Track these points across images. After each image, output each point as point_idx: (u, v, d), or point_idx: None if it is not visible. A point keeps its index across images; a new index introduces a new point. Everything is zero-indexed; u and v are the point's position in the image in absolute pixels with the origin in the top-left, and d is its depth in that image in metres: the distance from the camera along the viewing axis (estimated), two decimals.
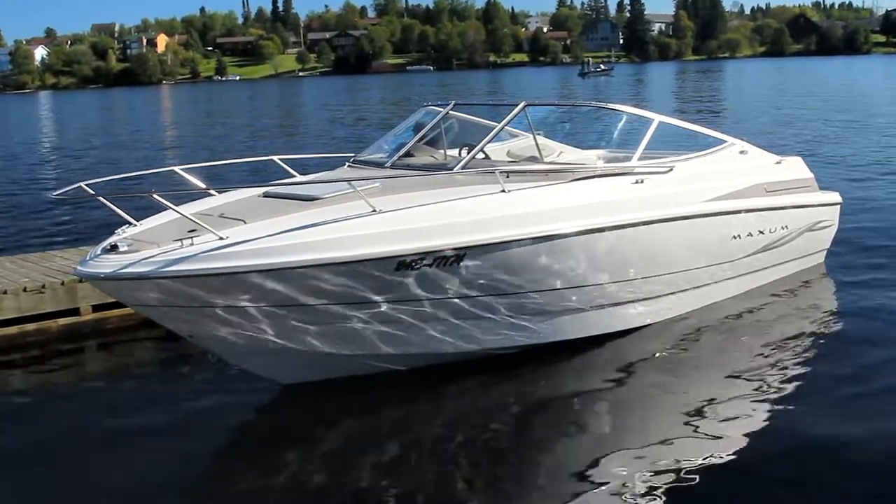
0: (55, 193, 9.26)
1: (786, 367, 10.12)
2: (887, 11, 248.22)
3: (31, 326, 11.86)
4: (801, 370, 10.08)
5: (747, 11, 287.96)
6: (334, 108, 74.70)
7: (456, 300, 9.46)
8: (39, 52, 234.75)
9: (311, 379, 9.60)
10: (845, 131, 35.41)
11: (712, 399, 9.43)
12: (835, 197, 13.79)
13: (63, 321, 12.03)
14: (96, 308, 12.07)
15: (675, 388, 9.94)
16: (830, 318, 12.06)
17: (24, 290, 11.80)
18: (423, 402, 9.56)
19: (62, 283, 11.96)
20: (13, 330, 11.76)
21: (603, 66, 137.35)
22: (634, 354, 10.58)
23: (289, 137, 46.92)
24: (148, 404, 9.87)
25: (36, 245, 16.36)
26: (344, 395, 9.54)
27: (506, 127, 11.33)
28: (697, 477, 7.68)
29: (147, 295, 8.48)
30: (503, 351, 10.18)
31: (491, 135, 10.97)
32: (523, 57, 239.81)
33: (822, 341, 11.02)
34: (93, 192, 8.91)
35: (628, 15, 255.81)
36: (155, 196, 8.35)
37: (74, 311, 12.07)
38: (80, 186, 9.21)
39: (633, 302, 10.87)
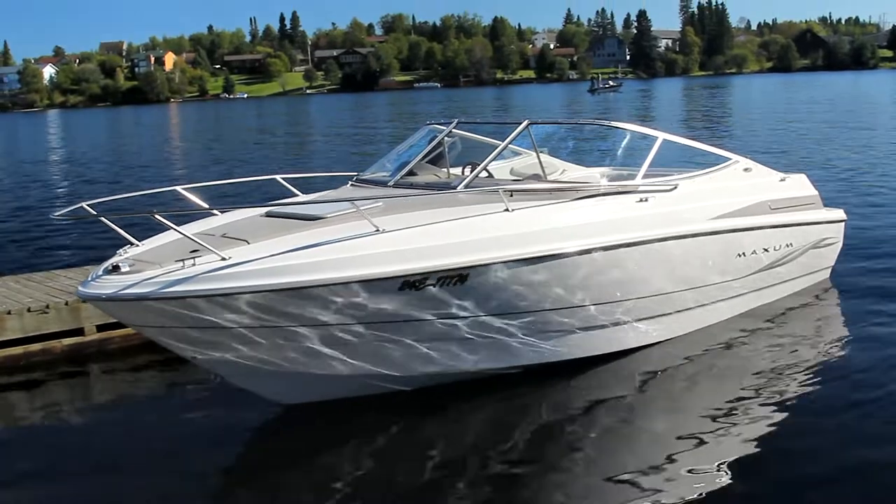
0: (56, 214, 9.22)
1: (791, 386, 10.07)
2: (894, 27, 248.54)
3: (35, 347, 11.84)
4: (806, 388, 10.03)
5: (754, 27, 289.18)
6: (340, 126, 74.83)
7: (460, 320, 9.42)
8: (48, 71, 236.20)
9: (314, 399, 9.55)
10: (850, 148, 35.31)
11: (717, 417, 9.38)
12: (839, 214, 13.76)
13: (67, 341, 12.00)
14: (100, 328, 12.04)
15: (680, 407, 9.90)
16: (836, 335, 12.02)
17: (29, 310, 11.78)
18: (427, 423, 9.51)
19: (66, 304, 11.94)
20: (18, 350, 11.74)
21: (612, 83, 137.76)
22: (640, 373, 10.54)
23: (294, 156, 46.91)
24: (151, 424, 9.89)
25: (41, 264, 16.37)
26: (348, 416, 9.51)
27: (509, 145, 11.33)
28: (698, 492, 7.66)
29: (149, 316, 8.47)
30: (507, 371, 10.14)
31: (494, 153, 10.96)
32: (530, 73, 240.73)
33: (827, 359, 10.98)
34: (94, 213, 8.89)
35: (635, 31, 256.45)
36: (156, 216, 8.35)
37: (79, 332, 12.04)
38: (81, 206, 9.19)
39: (638, 321, 10.82)
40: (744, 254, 11.81)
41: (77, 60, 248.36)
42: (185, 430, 9.65)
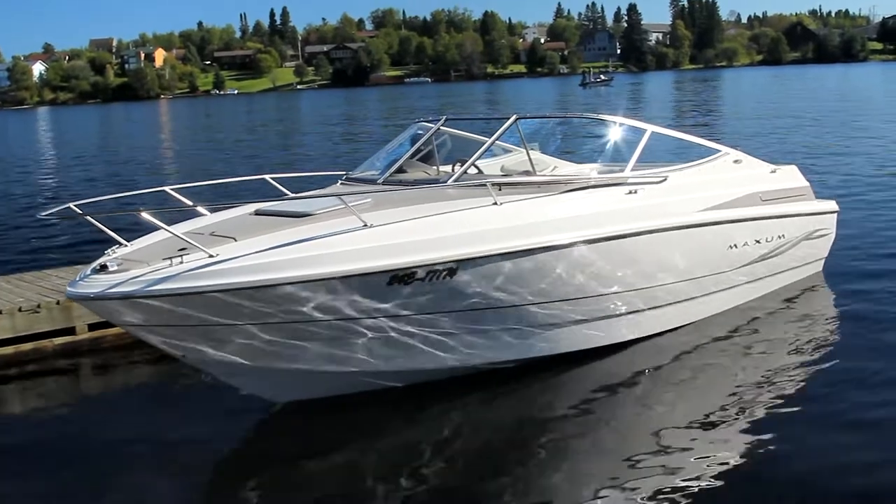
0: (42, 214, 9.21)
1: (784, 378, 10.08)
2: (884, 19, 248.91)
3: (26, 346, 11.81)
4: (800, 381, 10.04)
5: (744, 20, 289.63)
6: (331, 122, 74.76)
7: (450, 314, 9.41)
8: (37, 68, 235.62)
9: (305, 397, 9.55)
10: (841, 138, 35.39)
11: (709, 411, 9.38)
12: (831, 205, 13.76)
13: (59, 340, 11.98)
14: (92, 327, 12.03)
15: (671, 400, 9.89)
16: (829, 327, 12.01)
17: (20, 309, 11.76)
18: (419, 420, 9.51)
19: (57, 303, 11.91)
20: (9, 350, 11.71)
21: (603, 77, 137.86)
22: (631, 367, 10.53)
23: (284, 154, 46.88)
24: (143, 423, 9.85)
25: (32, 264, 16.30)
26: (338, 414, 9.50)
27: (500, 142, 11.34)
28: (692, 490, 7.64)
29: (136, 314, 8.43)
30: (498, 365, 10.12)
31: (483, 148, 10.95)
32: (521, 68, 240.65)
33: (821, 351, 10.95)
34: (81, 213, 8.88)
35: (625, 25, 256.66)
36: (143, 215, 8.34)
37: (70, 331, 12.03)
38: (68, 207, 9.15)
39: (629, 314, 10.82)
40: (735, 245, 11.81)
41: (67, 57, 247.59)
42: (177, 428, 9.61)
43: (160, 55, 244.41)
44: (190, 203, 10.14)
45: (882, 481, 7.70)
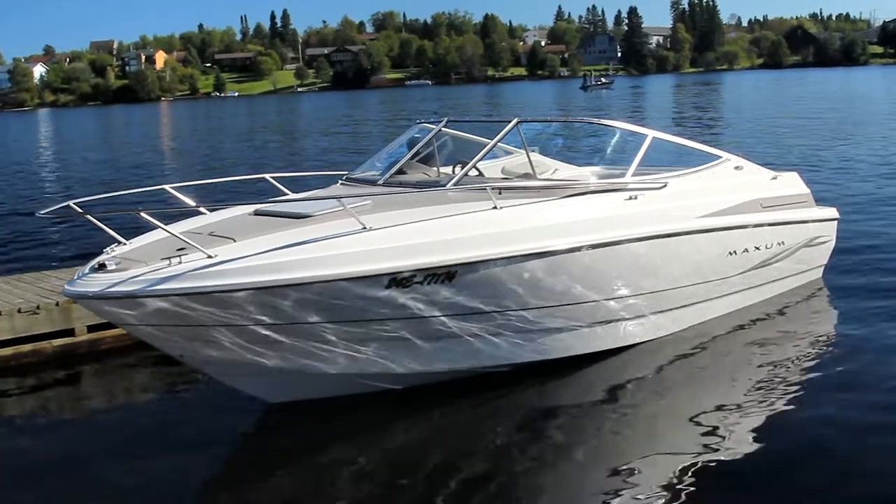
0: (42, 212, 9.21)
1: (783, 385, 10.06)
2: (884, 23, 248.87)
3: (25, 347, 11.80)
4: (798, 387, 10.02)
5: (745, 23, 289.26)
6: (331, 124, 74.76)
7: (448, 317, 9.41)
8: (38, 70, 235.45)
9: (303, 398, 9.54)
10: (843, 144, 35.33)
11: (706, 416, 9.37)
12: (832, 212, 13.73)
13: (58, 342, 11.96)
14: (91, 328, 12.01)
15: (669, 406, 9.89)
16: (828, 334, 12.00)
17: (19, 310, 11.75)
18: (417, 421, 9.51)
19: (57, 304, 11.90)
20: (8, 351, 11.70)
21: (604, 80, 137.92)
22: (628, 372, 10.52)
23: (285, 155, 46.86)
24: (141, 424, 9.87)
25: (31, 265, 16.30)
26: (337, 414, 9.49)
27: (500, 144, 11.30)
28: (691, 492, 7.65)
29: (134, 314, 8.43)
30: (496, 369, 10.12)
31: (483, 151, 10.93)
32: (521, 71, 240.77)
33: (819, 358, 10.95)
34: (80, 211, 8.87)
35: (626, 28, 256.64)
36: (142, 214, 8.34)
37: (69, 332, 12.01)
38: (68, 205, 9.13)
39: (627, 319, 10.81)
40: (735, 252, 11.79)
41: (67, 59, 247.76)
42: (175, 429, 9.63)
43: (161, 57, 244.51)
44: (189, 202, 10.15)
45: (880, 483, 7.73)
